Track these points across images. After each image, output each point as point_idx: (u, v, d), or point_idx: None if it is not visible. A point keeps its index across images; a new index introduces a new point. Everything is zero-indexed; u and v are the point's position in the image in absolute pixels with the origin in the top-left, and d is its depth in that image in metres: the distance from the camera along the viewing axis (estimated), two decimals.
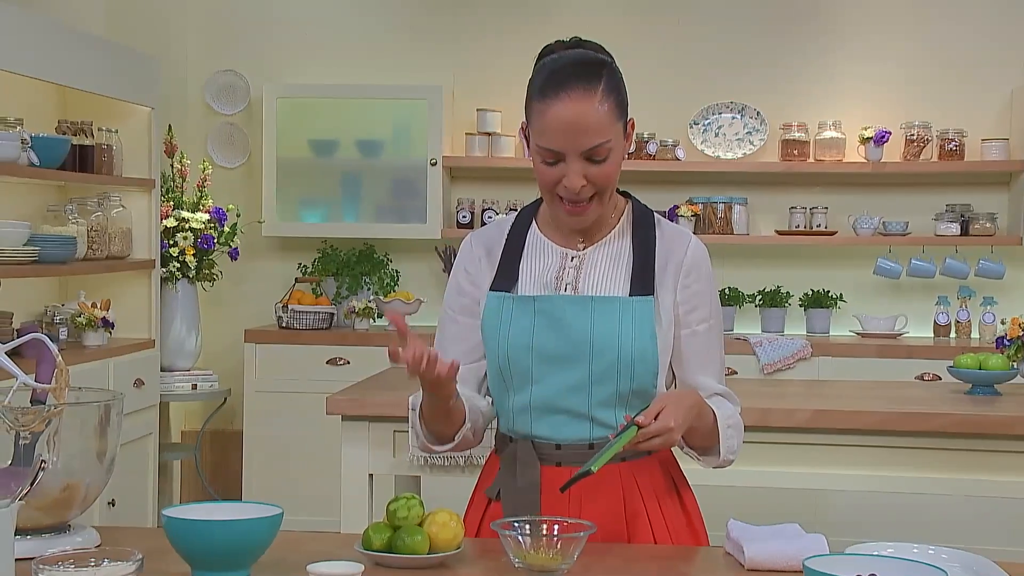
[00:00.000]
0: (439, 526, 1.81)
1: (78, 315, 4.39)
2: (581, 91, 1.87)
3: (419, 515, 1.82)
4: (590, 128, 1.86)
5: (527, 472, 1.96)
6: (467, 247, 2.11)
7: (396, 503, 1.83)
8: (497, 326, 1.98)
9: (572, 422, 1.96)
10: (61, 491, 1.76)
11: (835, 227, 5.31)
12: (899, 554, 1.73)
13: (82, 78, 4.28)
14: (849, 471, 3.22)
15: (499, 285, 2.02)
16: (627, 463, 1.97)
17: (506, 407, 2.02)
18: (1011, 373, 3.52)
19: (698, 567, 1.84)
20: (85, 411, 1.81)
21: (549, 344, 1.95)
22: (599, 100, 1.87)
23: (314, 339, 5.18)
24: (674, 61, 5.45)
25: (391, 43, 5.57)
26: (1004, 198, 5.31)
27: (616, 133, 1.90)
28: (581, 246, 2.03)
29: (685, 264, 2.00)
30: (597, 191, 1.92)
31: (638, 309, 1.95)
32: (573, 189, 1.89)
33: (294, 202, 5.50)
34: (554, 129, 1.87)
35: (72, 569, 1.48)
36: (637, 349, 1.92)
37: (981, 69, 5.29)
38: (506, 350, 1.97)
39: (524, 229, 2.07)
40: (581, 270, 2.00)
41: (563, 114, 1.86)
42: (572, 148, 1.87)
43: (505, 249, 2.05)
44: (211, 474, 5.45)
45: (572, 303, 1.95)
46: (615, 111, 1.90)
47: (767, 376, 4.90)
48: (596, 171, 1.89)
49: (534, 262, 2.03)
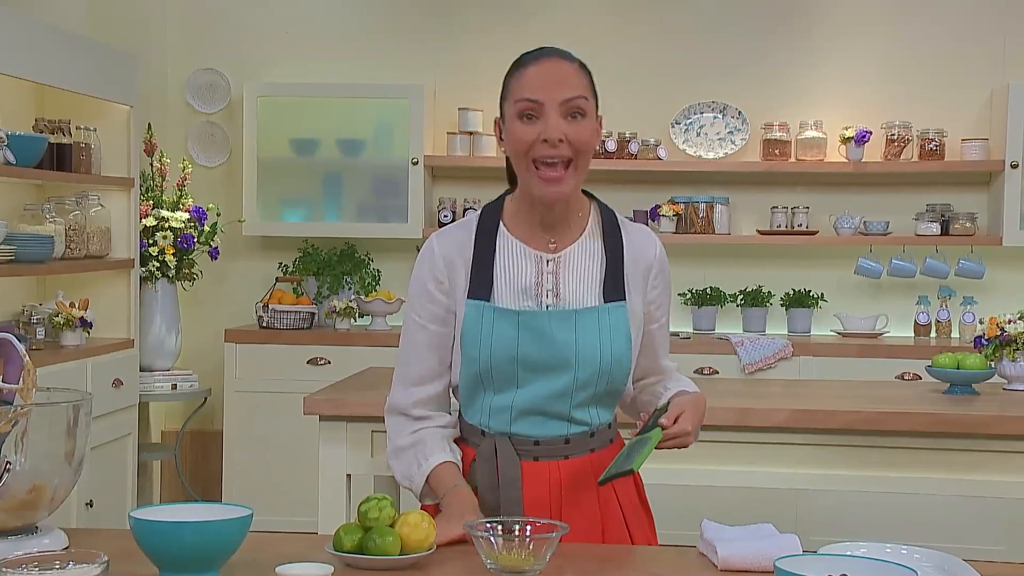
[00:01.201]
0: (411, 527, 1.80)
1: (56, 315, 4.36)
2: (557, 57, 1.98)
3: (391, 516, 1.81)
4: (568, 81, 1.95)
5: (508, 468, 2.00)
6: (432, 252, 2.07)
7: (367, 504, 1.82)
8: (478, 335, 1.99)
9: (551, 421, 2.02)
10: (28, 492, 1.75)
11: (816, 227, 5.32)
12: (872, 554, 1.74)
13: (60, 76, 4.26)
14: (827, 471, 3.22)
15: (476, 293, 2.01)
16: (596, 453, 2.06)
17: (481, 404, 2.04)
18: (988, 372, 3.52)
19: (671, 567, 1.83)
20: (53, 412, 1.79)
21: (534, 355, 1.99)
22: (576, 67, 1.98)
23: (295, 339, 5.17)
24: (656, 61, 5.45)
25: (372, 42, 5.56)
26: (984, 198, 5.32)
27: (592, 102, 1.98)
28: (552, 247, 2.04)
29: (654, 267, 2.09)
30: (573, 155, 1.95)
31: (614, 316, 2.01)
32: (552, 139, 1.92)
33: (275, 201, 5.48)
34: (533, 81, 1.95)
35: (36, 572, 1.47)
36: (615, 355, 2.00)
37: (961, 69, 5.31)
38: (488, 359, 1.99)
39: (492, 230, 2.05)
40: (559, 275, 2.02)
41: (542, 69, 1.96)
42: (551, 97, 1.93)
43: (476, 253, 2.03)
44: (191, 474, 5.43)
45: (556, 317, 1.99)
46: (590, 85, 1.98)
47: (748, 376, 4.90)
48: (573, 129, 1.94)
49: (508, 267, 2.02)
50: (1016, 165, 5.05)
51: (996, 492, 3.25)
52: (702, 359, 4.98)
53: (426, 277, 2.05)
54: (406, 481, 2.05)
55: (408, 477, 2.05)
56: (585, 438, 2.04)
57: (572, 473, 2.02)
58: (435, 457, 2.02)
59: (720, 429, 3.18)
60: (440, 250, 2.05)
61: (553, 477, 2.01)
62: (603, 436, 2.08)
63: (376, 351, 4.92)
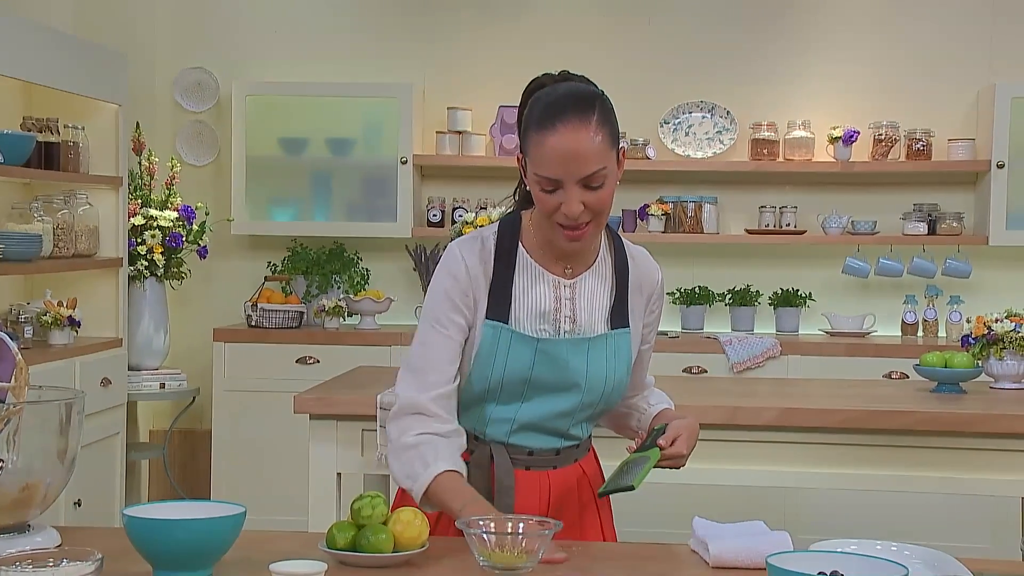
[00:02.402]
0: (404, 524, 1.81)
1: (44, 314, 4.35)
2: (577, 121, 1.93)
3: (383, 513, 1.82)
4: (586, 157, 1.93)
5: (504, 476, 2.06)
6: (459, 262, 2.06)
7: (360, 501, 1.83)
8: (493, 355, 2.03)
9: (548, 437, 2.11)
10: (20, 491, 1.75)
11: (804, 226, 5.34)
12: (862, 551, 1.75)
13: (48, 74, 4.24)
14: (816, 469, 3.24)
15: (495, 314, 2.04)
16: (579, 463, 2.16)
17: (482, 413, 2.09)
18: (976, 371, 3.55)
19: (664, 565, 1.84)
20: (45, 410, 1.79)
21: (546, 377, 2.05)
22: (594, 130, 1.94)
23: (284, 338, 5.16)
24: (644, 60, 5.46)
25: (361, 41, 5.55)
26: (970, 198, 5.35)
27: (610, 161, 1.96)
28: (569, 272, 2.09)
29: (655, 295, 2.18)
30: (594, 216, 1.98)
31: (619, 342, 2.10)
32: (572, 216, 1.95)
33: (264, 200, 5.47)
34: (552, 159, 1.93)
35: (30, 569, 1.47)
36: (618, 379, 2.10)
37: (948, 70, 5.33)
38: (500, 377, 2.04)
39: (511, 249, 2.07)
40: (575, 302, 2.07)
41: (560, 144, 1.92)
42: (569, 176, 1.93)
43: (496, 272, 2.05)
44: (179, 474, 5.42)
45: (571, 345, 2.05)
46: (608, 140, 1.95)
47: (737, 375, 4.92)
48: (593, 197, 1.95)
49: (527, 289, 2.06)
50: (1002, 165, 5.07)
51: (984, 490, 3.27)
52: (691, 358, 4.99)
53: (453, 290, 2.05)
54: (407, 481, 2.00)
55: (411, 476, 1.99)
56: (573, 450, 2.15)
57: (560, 482, 2.11)
58: (444, 463, 1.98)
59: (710, 428, 3.18)
60: (470, 264, 2.05)
61: (543, 486, 2.09)
62: (584, 446, 2.18)
63: (365, 350, 4.93)
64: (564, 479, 2.12)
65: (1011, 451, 3.16)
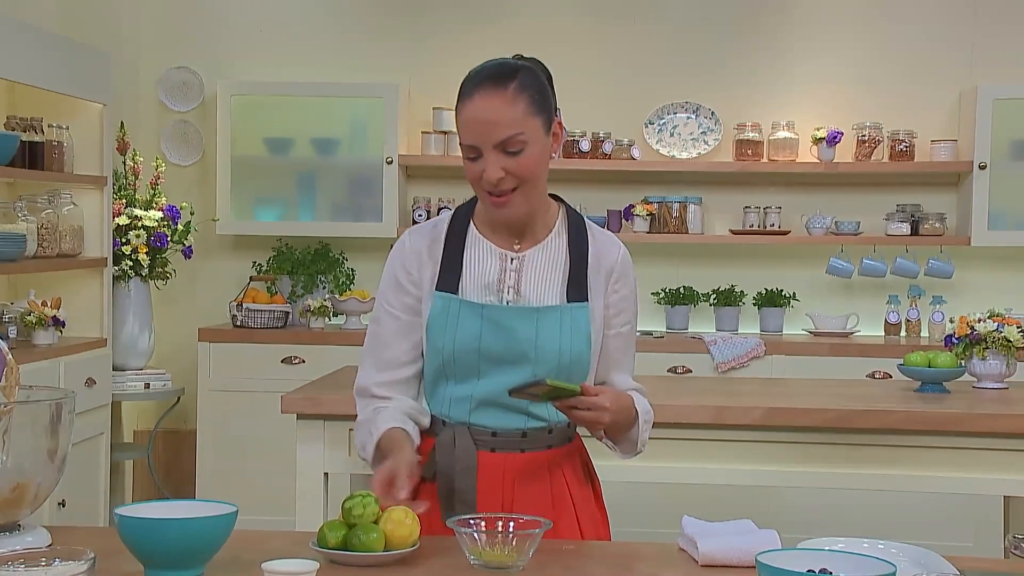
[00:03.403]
0: (395, 523, 1.81)
1: (28, 314, 4.33)
2: (492, 88, 1.98)
3: (375, 513, 1.83)
4: (499, 122, 1.97)
5: (465, 457, 2.06)
6: (405, 244, 2.16)
7: (352, 500, 1.84)
8: (444, 326, 2.07)
9: (509, 414, 2.08)
10: (11, 491, 1.74)
11: (788, 227, 5.36)
12: (850, 549, 1.76)
13: (32, 73, 4.23)
14: (802, 468, 3.26)
15: (444, 285, 2.09)
16: (552, 451, 2.11)
17: (443, 394, 2.11)
18: (959, 371, 3.57)
19: (652, 563, 1.85)
20: (36, 409, 1.79)
21: (495, 347, 2.05)
22: (510, 96, 1.98)
23: (269, 338, 5.16)
24: (629, 61, 5.48)
25: (347, 41, 5.55)
26: (953, 198, 5.39)
27: (532, 128, 1.99)
28: (517, 247, 2.11)
29: (616, 271, 2.14)
30: (519, 183, 2.01)
31: (575, 316, 2.07)
32: (491, 181, 1.99)
33: (249, 200, 5.46)
34: (468, 125, 2.00)
35: (23, 569, 1.47)
36: (574, 353, 2.06)
37: (930, 71, 5.37)
38: (452, 350, 2.06)
39: (463, 228, 2.14)
40: (521, 273, 2.09)
41: (475, 111, 1.99)
42: (485, 141, 1.98)
43: (446, 248, 2.12)
44: (164, 474, 5.41)
45: (517, 313, 2.06)
46: (530, 107, 1.99)
47: (722, 374, 4.93)
48: (513, 163, 1.99)
49: (475, 263, 2.11)
50: (984, 166, 5.11)
51: (968, 488, 3.30)
52: (675, 358, 5.01)
53: (397, 269, 2.14)
54: (362, 452, 2.12)
55: (362, 446, 2.11)
56: (543, 434, 2.10)
57: (527, 467, 2.08)
58: (386, 424, 2.07)
59: (696, 427, 3.22)
60: (411, 244, 2.14)
61: (508, 468, 2.07)
62: (561, 434, 2.13)
63: (351, 350, 4.91)
64: (533, 465, 2.08)
65: (994, 450, 3.19)
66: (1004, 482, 3.26)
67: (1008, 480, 3.23)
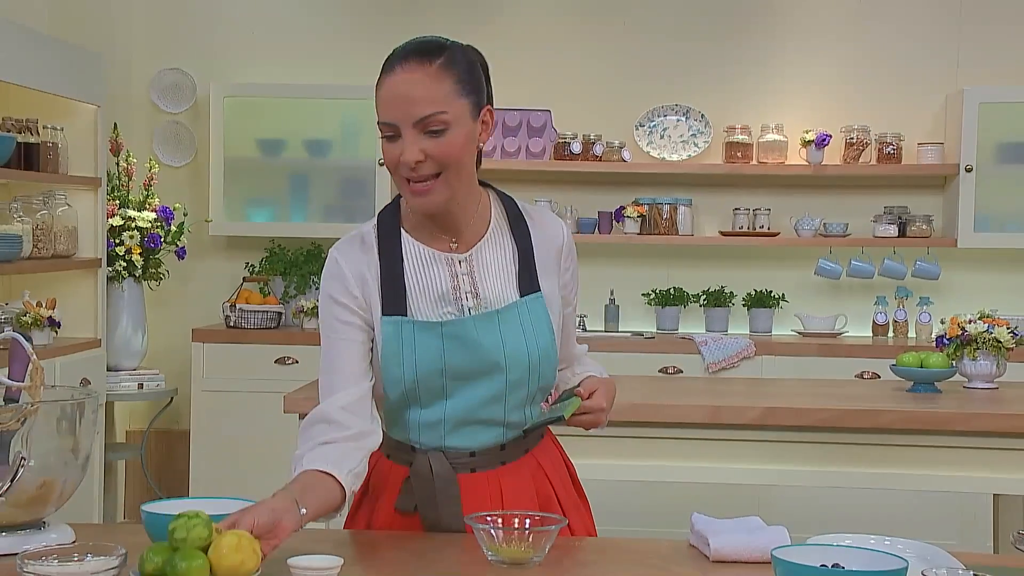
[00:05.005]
0: (224, 550, 1.55)
1: (23, 314, 4.34)
2: (415, 63, 1.84)
3: (201, 537, 1.56)
4: (420, 98, 1.82)
5: (445, 487, 1.94)
6: (335, 264, 1.95)
7: (176, 521, 1.57)
8: (399, 353, 1.90)
9: (486, 429, 1.97)
10: (38, 488, 1.77)
11: (777, 228, 5.42)
12: (859, 544, 1.80)
13: (27, 75, 4.24)
14: (797, 467, 3.31)
15: (391, 309, 1.91)
16: (530, 452, 2.02)
17: (409, 420, 1.96)
18: (950, 371, 3.63)
19: (665, 559, 1.88)
20: (61, 409, 1.81)
21: (462, 364, 1.91)
22: (434, 73, 1.84)
23: (262, 338, 5.17)
24: (620, 64, 5.52)
25: (339, 42, 5.57)
26: (939, 200, 5.45)
27: (457, 109, 1.85)
28: (454, 246, 1.96)
29: (564, 249, 2.04)
30: (440, 169, 1.85)
31: (533, 308, 1.96)
32: (408, 163, 1.84)
33: (241, 201, 5.48)
34: (387, 100, 1.85)
35: (56, 564, 1.49)
36: (542, 349, 1.95)
37: (917, 74, 5.43)
38: (414, 375, 1.91)
39: (394, 237, 1.96)
40: (475, 275, 1.95)
41: (395, 85, 1.84)
42: (404, 118, 1.83)
43: (383, 266, 1.93)
44: (157, 474, 5.41)
45: (480, 321, 1.92)
46: (456, 87, 1.85)
47: (712, 375, 4.98)
48: (433, 145, 1.83)
49: (420, 275, 1.94)
50: (970, 169, 5.17)
51: (959, 487, 3.37)
52: (666, 358, 5.05)
53: (338, 294, 1.93)
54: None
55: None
56: (521, 441, 2.00)
57: (510, 479, 1.97)
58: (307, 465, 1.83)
59: (692, 427, 3.26)
60: (348, 268, 1.94)
61: (493, 487, 1.96)
62: (535, 433, 2.03)
63: None
64: (516, 474, 1.98)
65: (984, 449, 3.25)
66: (994, 480, 3.32)
67: (999, 478, 3.29)
